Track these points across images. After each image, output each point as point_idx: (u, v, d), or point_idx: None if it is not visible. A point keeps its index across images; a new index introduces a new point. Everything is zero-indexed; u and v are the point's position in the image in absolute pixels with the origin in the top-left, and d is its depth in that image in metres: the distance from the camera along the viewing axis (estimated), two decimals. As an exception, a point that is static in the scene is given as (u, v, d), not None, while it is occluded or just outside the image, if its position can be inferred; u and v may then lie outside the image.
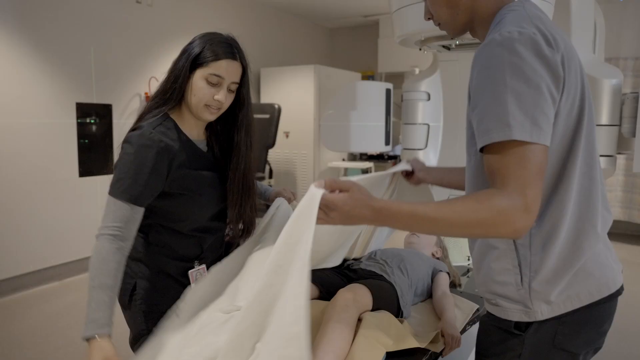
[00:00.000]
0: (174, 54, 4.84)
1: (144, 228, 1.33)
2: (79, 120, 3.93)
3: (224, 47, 1.30)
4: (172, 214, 1.33)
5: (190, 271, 1.38)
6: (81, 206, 4.00)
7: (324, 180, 0.91)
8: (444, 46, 2.35)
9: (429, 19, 1.11)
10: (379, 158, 5.99)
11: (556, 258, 0.94)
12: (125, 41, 4.28)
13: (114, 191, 1.20)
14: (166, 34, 4.66)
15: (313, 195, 0.90)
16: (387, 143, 3.29)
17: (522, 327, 0.98)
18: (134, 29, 4.36)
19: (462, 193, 1.13)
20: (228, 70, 1.27)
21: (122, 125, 4.29)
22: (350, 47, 7.33)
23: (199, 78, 1.27)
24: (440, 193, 2.90)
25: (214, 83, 1.26)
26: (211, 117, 1.31)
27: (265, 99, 5.77)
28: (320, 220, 0.89)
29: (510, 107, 0.83)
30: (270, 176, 5.46)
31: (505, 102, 0.83)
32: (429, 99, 3.11)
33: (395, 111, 3.39)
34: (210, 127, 1.41)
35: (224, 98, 1.28)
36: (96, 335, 1.07)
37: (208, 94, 1.26)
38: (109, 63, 4.15)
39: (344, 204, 0.87)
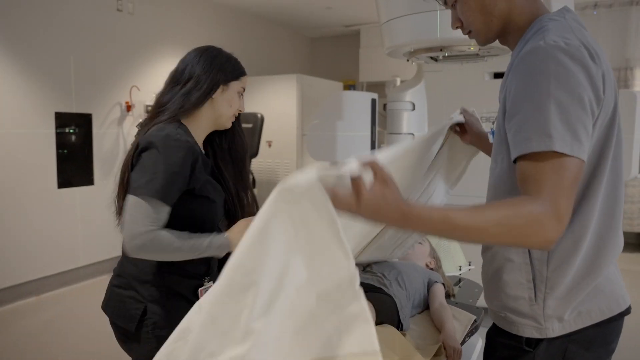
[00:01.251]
0: (156, 63, 4.77)
1: None
2: (57, 130, 3.84)
3: (240, 63, 1.41)
4: (188, 220, 1.30)
5: (200, 289, 1.35)
6: (60, 218, 3.89)
7: (368, 161, 0.78)
8: (431, 57, 2.38)
9: (457, 27, 1.07)
10: (361, 167, 6.00)
11: (573, 276, 0.94)
12: (105, 49, 4.21)
13: (142, 190, 1.19)
14: (148, 42, 4.60)
15: (345, 170, 0.76)
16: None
17: (533, 343, 0.97)
18: (115, 37, 4.29)
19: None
20: (246, 83, 1.42)
21: (102, 135, 4.21)
22: (332, 56, 7.37)
23: (234, 91, 1.37)
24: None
25: (241, 95, 1.40)
26: (230, 124, 1.41)
27: (247, 108, 5.73)
28: (337, 201, 0.75)
29: (552, 118, 0.81)
30: (254, 185, 5.42)
31: (547, 112, 0.81)
32: (413, 108, 3.13)
33: (379, 121, 3.41)
34: (206, 138, 1.44)
35: (244, 106, 1.42)
36: (228, 240, 1.25)
37: (240, 104, 1.39)
38: (89, 72, 4.07)
39: (371, 200, 0.75)
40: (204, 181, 1.31)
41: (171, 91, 1.34)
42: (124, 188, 1.29)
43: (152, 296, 1.30)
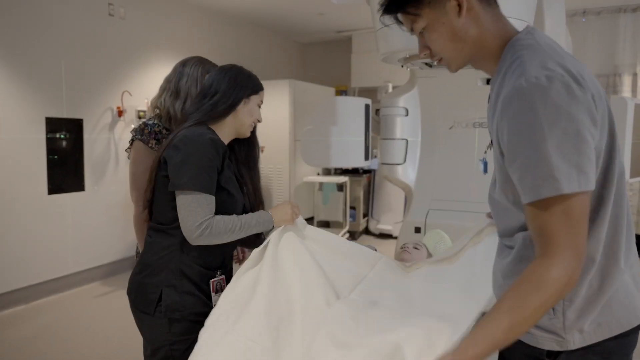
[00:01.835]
0: (148, 68, 4.78)
1: (176, 231, 1.41)
2: (48, 136, 3.79)
3: (259, 80, 1.60)
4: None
5: (212, 280, 1.48)
6: (50, 225, 3.84)
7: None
8: (426, 63, 2.39)
9: (425, 54, 1.04)
10: (353, 172, 6.01)
11: (587, 287, 0.94)
12: (97, 54, 4.18)
13: (190, 185, 1.34)
14: (139, 47, 4.57)
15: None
16: (366, 158, 3.31)
17: (553, 355, 0.97)
18: (107, 41, 4.26)
19: None
20: (263, 96, 1.61)
21: (93, 140, 4.17)
22: (323, 62, 7.39)
23: (254, 103, 1.56)
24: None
25: (259, 107, 1.58)
26: (249, 134, 1.58)
27: (239, 113, 5.72)
28: None
29: (554, 160, 0.81)
30: (246, 191, 5.40)
31: (548, 155, 0.81)
32: (407, 114, 3.14)
33: (372, 126, 3.42)
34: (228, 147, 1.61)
35: (261, 117, 1.60)
36: (272, 220, 1.45)
37: (258, 115, 1.57)
38: (80, 76, 4.04)
39: None
40: (227, 177, 1.46)
41: (199, 103, 1.51)
42: (153, 185, 1.46)
43: (168, 281, 1.43)
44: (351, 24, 6.15)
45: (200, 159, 1.36)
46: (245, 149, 1.63)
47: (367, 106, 3.26)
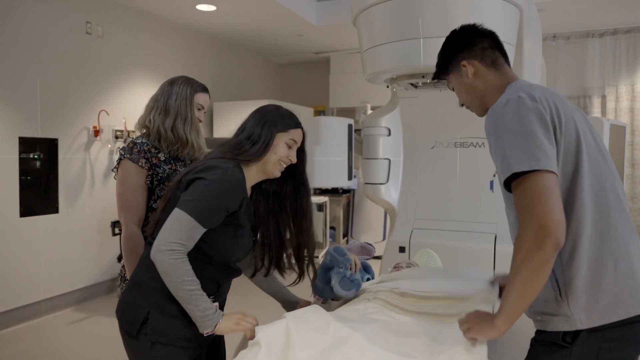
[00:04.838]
0: (125, 87, 4.73)
1: None
2: (21, 156, 3.67)
3: (295, 118, 1.54)
4: (213, 243, 1.40)
5: None
6: (21, 249, 3.69)
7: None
8: (411, 84, 2.42)
9: (462, 105, 1.44)
10: (333, 192, 6.01)
11: (585, 269, 1.10)
12: (74, 73, 4.10)
13: (188, 208, 1.30)
14: (117, 66, 4.51)
15: None
16: (349, 178, 3.31)
17: (569, 340, 1.11)
18: (84, 60, 4.19)
19: None
20: (299, 137, 1.53)
21: (68, 160, 4.05)
22: (301, 82, 7.44)
23: (281, 141, 1.48)
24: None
25: (290, 146, 1.50)
26: (278, 173, 1.51)
27: (218, 133, 5.68)
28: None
29: (508, 152, 1.09)
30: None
31: (505, 151, 1.11)
32: (389, 134, 3.17)
33: (355, 146, 3.43)
34: (257, 188, 1.57)
35: (295, 157, 1.52)
36: (220, 319, 1.30)
37: (285, 153, 1.49)
38: (56, 95, 3.94)
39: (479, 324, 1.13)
40: (238, 218, 1.42)
41: (228, 141, 1.50)
42: (165, 204, 1.42)
43: (157, 302, 1.35)
44: (329, 45, 6.22)
45: (211, 190, 1.34)
46: (292, 196, 1.58)
47: (350, 126, 3.27)
